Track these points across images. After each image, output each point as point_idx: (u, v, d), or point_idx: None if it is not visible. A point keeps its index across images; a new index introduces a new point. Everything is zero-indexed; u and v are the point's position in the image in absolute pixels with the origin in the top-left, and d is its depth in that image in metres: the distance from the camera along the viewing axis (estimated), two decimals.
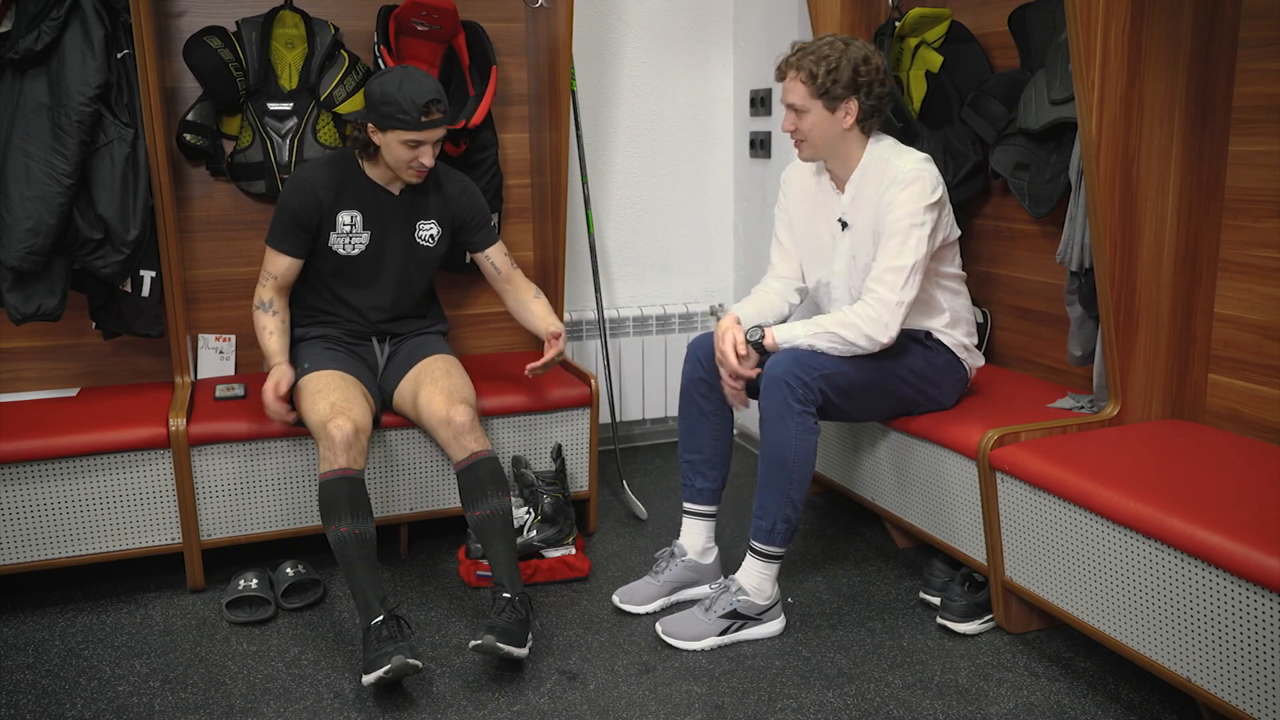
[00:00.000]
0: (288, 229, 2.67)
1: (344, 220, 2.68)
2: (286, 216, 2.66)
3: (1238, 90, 2.36)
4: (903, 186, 2.39)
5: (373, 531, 2.36)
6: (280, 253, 2.68)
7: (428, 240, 2.77)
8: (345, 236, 2.69)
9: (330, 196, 2.67)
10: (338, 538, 2.31)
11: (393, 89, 2.49)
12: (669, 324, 3.77)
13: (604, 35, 3.60)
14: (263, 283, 2.71)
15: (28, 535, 2.57)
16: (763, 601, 2.42)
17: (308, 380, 2.58)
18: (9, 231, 2.61)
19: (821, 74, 2.37)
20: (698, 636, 2.39)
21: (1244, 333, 2.41)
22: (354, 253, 2.71)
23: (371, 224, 2.71)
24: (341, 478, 2.37)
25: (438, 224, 2.77)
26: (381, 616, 2.22)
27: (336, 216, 2.68)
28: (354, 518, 2.32)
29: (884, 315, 2.39)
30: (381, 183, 2.71)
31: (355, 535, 2.31)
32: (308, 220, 2.66)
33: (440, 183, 2.78)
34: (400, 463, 2.80)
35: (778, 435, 2.35)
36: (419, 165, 2.59)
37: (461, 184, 2.82)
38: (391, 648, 2.15)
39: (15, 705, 2.22)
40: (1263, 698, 1.82)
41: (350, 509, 2.33)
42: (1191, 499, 2.01)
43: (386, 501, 2.82)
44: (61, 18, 2.59)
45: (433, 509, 2.87)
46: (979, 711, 2.16)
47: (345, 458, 2.39)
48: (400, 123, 2.50)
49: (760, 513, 2.40)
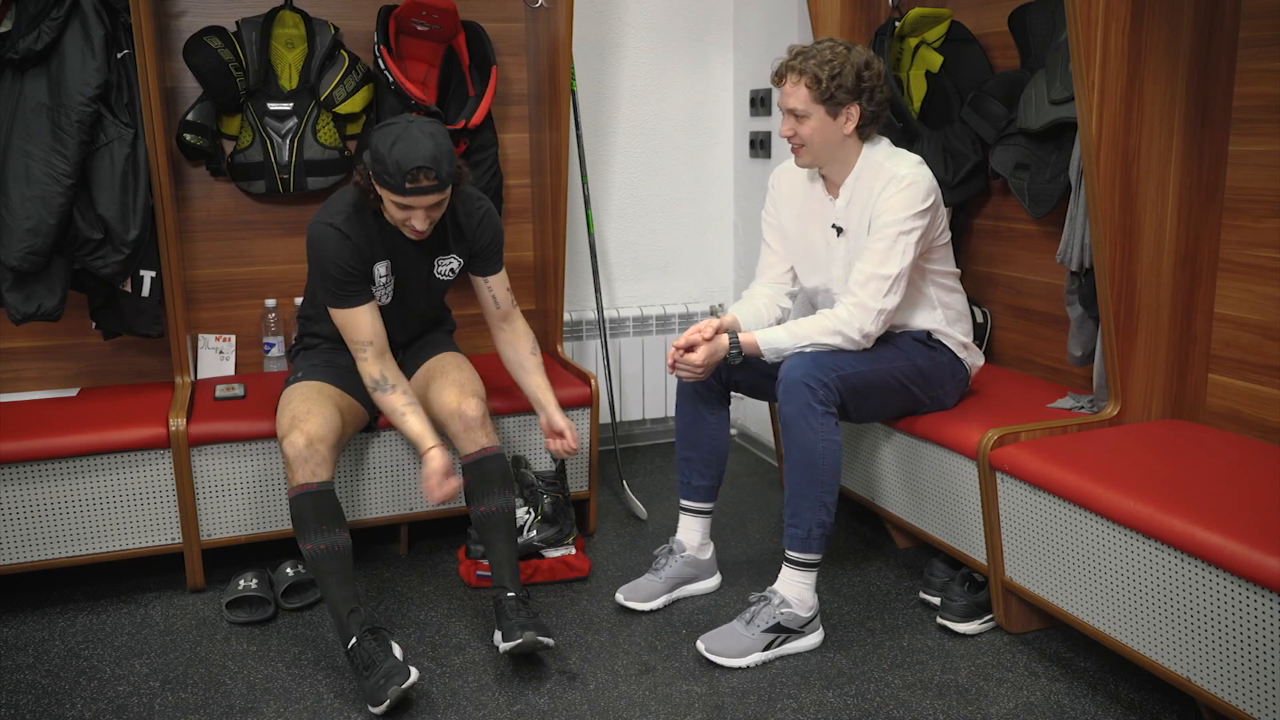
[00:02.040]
0: (346, 282, 2.43)
1: (380, 272, 2.51)
2: (339, 272, 2.42)
3: (1238, 90, 2.36)
4: (897, 190, 2.38)
5: (345, 540, 2.31)
6: (357, 308, 2.45)
7: (447, 275, 2.63)
8: (382, 289, 2.53)
9: (366, 247, 2.46)
10: (308, 555, 2.30)
11: (384, 147, 2.28)
12: (669, 324, 3.77)
13: (604, 35, 3.60)
14: (361, 355, 2.47)
15: (28, 535, 2.57)
16: (805, 613, 2.38)
17: (290, 392, 2.53)
18: (9, 231, 2.61)
19: (825, 78, 2.35)
20: (743, 652, 2.33)
21: (1244, 333, 2.41)
22: (385, 302, 2.55)
23: (398, 271, 2.55)
24: (303, 494, 2.32)
25: (456, 257, 2.62)
26: (355, 639, 2.21)
27: (374, 268, 2.50)
28: (320, 532, 2.29)
29: (866, 323, 2.40)
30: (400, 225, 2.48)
31: (322, 551, 2.28)
32: (359, 267, 2.45)
33: (457, 215, 2.58)
34: (400, 463, 2.80)
35: (803, 439, 2.32)
36: (411, 228, 2.40)
37: (480, 210, 2.62)
38: (381, 675, 2.14)
39: (15, 705, 2.22)
40: (1263, 698, 1.82)
41: (316, 523, 2.29)
42: (1191, 499, 2.01)
43: (387, 501, 2.82)
44: (61, 18, 2.59)
45: (433, 509, 2.86)
46: (979, 711, 2.16)
47: (302, 472, 2.33)
48: (386, 184, 2.31)
49: (794, 520, 2.35)
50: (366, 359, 2.48)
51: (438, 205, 2.39)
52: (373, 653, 2.18)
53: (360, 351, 2.49)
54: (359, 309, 2.47)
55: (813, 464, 2.32)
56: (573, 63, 3.09)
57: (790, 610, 2.36)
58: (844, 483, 2.97)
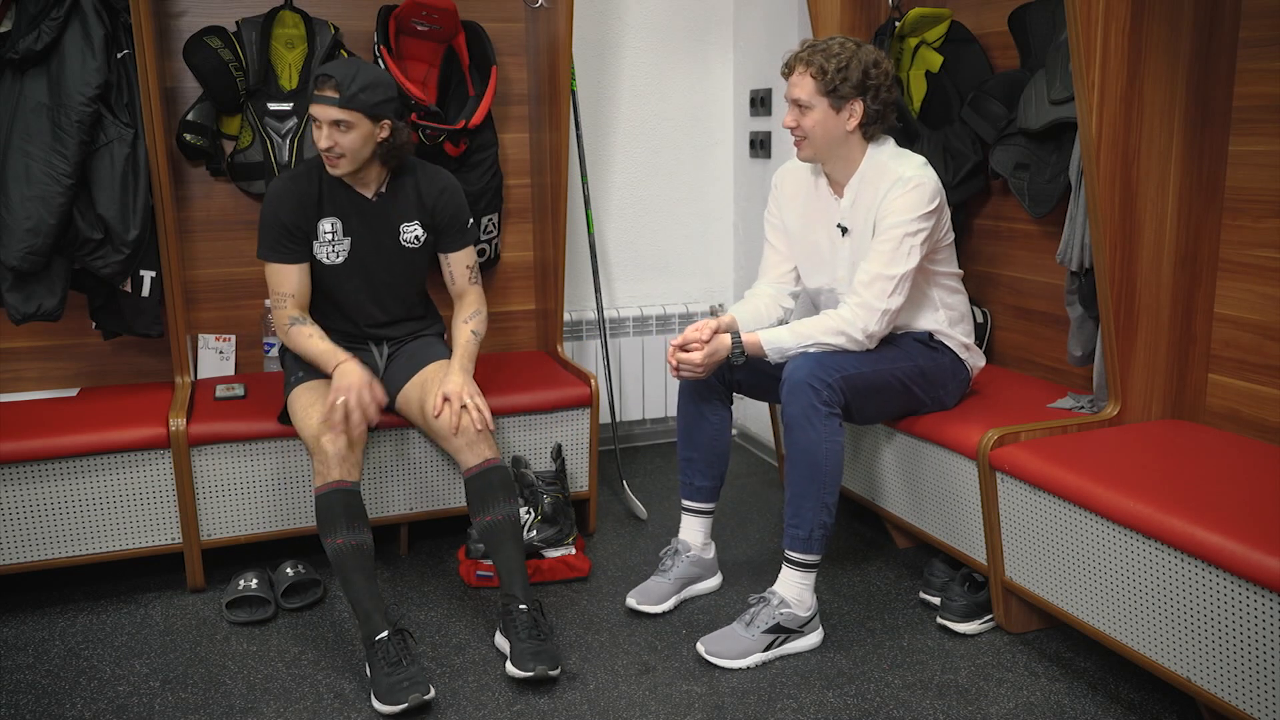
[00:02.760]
0: (279, 240, 2.57)
1: (325, 228, 2.60)
2: (275, 229, 2.56)
3: (1238, 90, 2.36)
4: (902, 192, 2.39)
5: (370, 541, 2.35)
6: (284, 264, 2.58)
7: (413, 242, 2.69)
8: (328, 245, 2.61)
9: (310, 203, 2.58)
10: (334, 550, 2.31)
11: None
12: (669, 324, 3.77)
13: (604, 35, 3.60)
14: (280, 305, 2.59)
15: (28, 535, 2.57)
16: (804, 613, 2.38)
17: (301, 391, 2.55)
18: (9, 231, 2.61)
19: (831, 70, 2.36)
20: (743, 654, 2.33)
21: (1244, 333, 2.41)
22: (338, 261, 2.62)
23: (351, 230, 2.62)
24: (335, 490, 2.35)
25: (420, 225, 2.69)
26: (386, 633, 2.22)
27: (318, 225, 2.60)
28: (350, 529, 2.32)
29: (870, 323, 2.40)
30: (357, 188, 2.61)
31: (351, 547, 2.30)
32: (295, 226, 2.57)
33: (419, 184, 2.67)
34: (400, 463, 2.80)
35: (806, 439, 2.32)
36: (323, 150, 2.48)
37: (443, 184, 2.70)
38: (405, 678, 2.16)
39: (15, 705, 2.22)
40: (1263, 698, 1.82)
41: (346, 521, 2.32)
42: (1191, 499, 2.01)
43: (386, 502, 2.82)
44: (61, 18, 2.59)
45: (433, 509, 2.86)
46: (979, 711, 2.16)
47: (339, 471, 2.37)
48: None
49: (795, 521, 2.35)
50: (285, 307, 2.59)
51: (341, 128, 2.45)
52: (401, 653, 2.20)
53: (280, 302, 2.60)
54: (290, 266, 2.59)
55: (815, 464, 2.32)
56: (573, 63, 3.09)
57: (789, 610, 2.36)
58: (844, 483, 2.97)
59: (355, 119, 2.44)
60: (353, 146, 2.47)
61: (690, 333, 2.43)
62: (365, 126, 2.47)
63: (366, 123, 2.46)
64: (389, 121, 2.51)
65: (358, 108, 2.43)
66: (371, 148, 2.52)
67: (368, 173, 2.58)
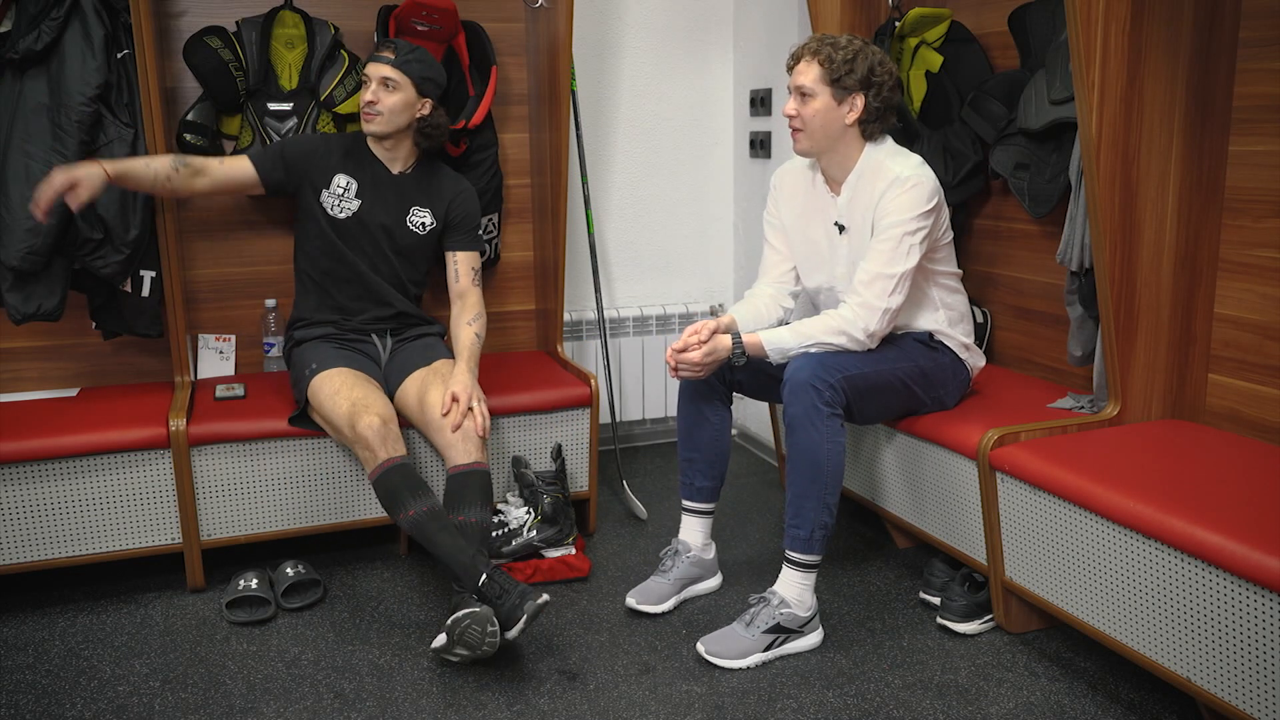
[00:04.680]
0: (271, 151, 2.75)
1: (339, 182, 2.76)
2: (280, 145, 2.76)
3: (1238, 90, 2.36)
4: (901, 191, 2.39)
5: (439, 503, 2.44)
6: (246, 157, 2.73)
7: (418, 227, 2.81)
8: (336, 197, 2.75)
9: (334, 156, 2.77)
10: (410, 522, 2.38)
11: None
12: (669, 324, 3.77)
13: (604, 35, 3.60)
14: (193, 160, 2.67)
15: (28, 535, 2.57)
16: (804, 613, 2.38)
17: (320, 381, 2.59)
18: (9, 231, 2.62)
19: (839, 60, 2.37)
20: (743, 654, 2.33)
21: (1244, 333, 2.41)
22: (341, 216, 2.76)
23: (364, 194, 2.77)
24: (391, 468, 2.44)
25: (431, 214, 2.82)
26: (486, 574, 2.30)
27: (333, 177, 2.76)
28: (416, 498, 2.40)
29: (871, 322, 2.40)
30: (384, 160, 2.80)
31: (425, 513, 2.38)
32: (296, 160, 2.75)
33: (442, 178, 2.85)
34: None
35: (808, 440, 2.32)
36: (365, 104, 2.67)
37: (463, 185, 2.89)
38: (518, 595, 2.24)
39: (15, 705, 2.22)
40: (1263, 698, 1.82)
41: (410, 492, 2.41)
42: (1191, 499, 2.01)
43: None
44: (61, 18, 2.59)
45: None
46: (979, 711, 2.16)
47: (384, 450, 2.45)
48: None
49: (796, 521, 2.35)
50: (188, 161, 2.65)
51: (389, 86, 2.67)
52: (504, 584, 2.28)
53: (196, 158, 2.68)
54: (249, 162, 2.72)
55: (817, 465, 2.32)
56: (573, 63, 3.09)
57: (789, 610, 2.36)
58: (845, 483, 2.97)
59: (402, 81, 2.68)
60: (393, 107, 2.69)
61: (688, 335, 2.43)
62: (409, 93, 2.69)
63: (412, 90, 2.70)
64: (431, 102, 2.74)
65: (408, 73, 2.68)
66: (409, 118, 2.73)
67: (399, 147, 2.77)
